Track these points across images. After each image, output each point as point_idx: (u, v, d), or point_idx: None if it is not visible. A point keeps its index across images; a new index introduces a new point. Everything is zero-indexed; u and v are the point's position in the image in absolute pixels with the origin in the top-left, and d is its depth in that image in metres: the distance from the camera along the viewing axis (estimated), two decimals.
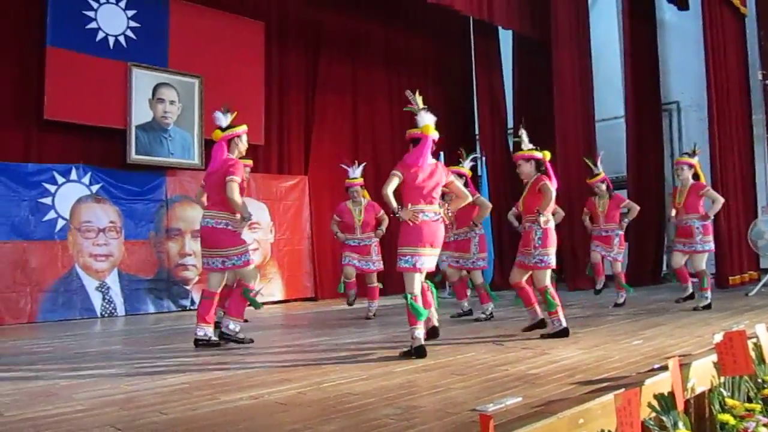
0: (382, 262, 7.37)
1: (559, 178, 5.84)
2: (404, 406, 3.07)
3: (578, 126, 10.97)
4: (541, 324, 5.44)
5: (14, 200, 7.49)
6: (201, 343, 5.19)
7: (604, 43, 12.15)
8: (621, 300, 7.67)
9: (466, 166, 6.93)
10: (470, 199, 5.20)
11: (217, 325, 5.40)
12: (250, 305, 5.44)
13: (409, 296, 4.58)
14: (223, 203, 5.22)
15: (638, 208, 7.75)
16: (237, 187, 5.14)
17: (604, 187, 7.77)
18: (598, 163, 7.92)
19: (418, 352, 4.46)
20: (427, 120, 4.83)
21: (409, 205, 4.66)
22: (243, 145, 5.46)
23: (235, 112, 5.50)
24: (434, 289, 4.96)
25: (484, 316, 6.72)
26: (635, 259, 10.81)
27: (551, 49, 11.10)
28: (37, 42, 7.78)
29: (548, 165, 5.57)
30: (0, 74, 7.58)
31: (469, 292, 7.23)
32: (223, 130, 5.37)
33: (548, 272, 5.42)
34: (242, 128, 5.46)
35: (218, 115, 5.42)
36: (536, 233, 5.39)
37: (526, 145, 5.64)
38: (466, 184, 6.65)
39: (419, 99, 4.89)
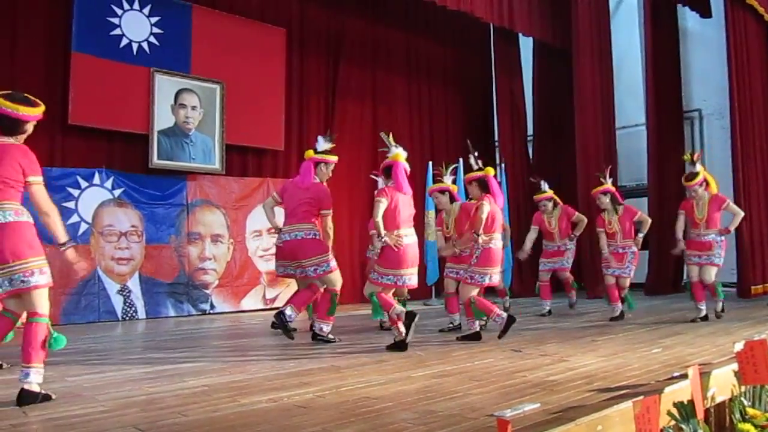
0: None
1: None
2: (421, 410, 3.08)
3: (599, 133, 10.92)
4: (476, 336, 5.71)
5: None
6: (277, 325, 5.62)
7: (625, 50, 12.10)
8: (616, 313, 7.28)
9: (448, 182, 6.72)
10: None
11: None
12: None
13: (374, 296, 5.27)
14: (305, 217, 5.72)
15: (650, 220, 7.48)
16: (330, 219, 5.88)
17: (606, 199, 7.40)
18: (607, 174, 7.56)
19: (399, 346, 5.03)
20: (397, 151, 5.45)
21: (394, 231, 5.23)
22: (326, 173, 5.92)
23: (333, 144, 6.00)
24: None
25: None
26: (656, 268, 10.75)
27: (572, 56, 11.07)
28: (62, 48, 7.89)
29: (491, 182, 5.82)
30: (26, 79, 7.68)
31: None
32: (317, 152, 5.83)
33: (474, 288, 5.66)
34: (332, 158, 5.94)
35: (320, 138, 5.96)
36: (475, 252, 5.72)
37: (474, 166, 5.95)
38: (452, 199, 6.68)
39: (391, 138, 5.52)
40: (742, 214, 7.10)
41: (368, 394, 3.50)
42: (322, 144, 5.88)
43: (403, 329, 5.09)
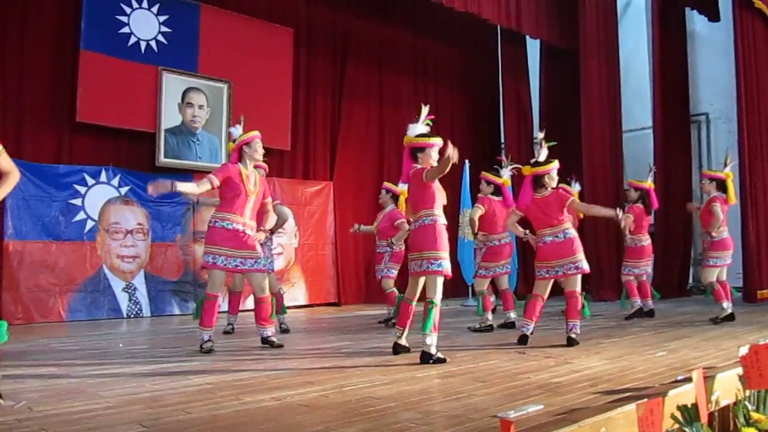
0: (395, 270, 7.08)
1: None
2: (425, 411, 3.08)
3: (605, 136, 10.91)
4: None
5: (45, 200, 7.61)
6: (265, 343, 5.44)
7: (632, 53, 12.08)
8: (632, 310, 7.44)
9: (504, 176, 6.89)
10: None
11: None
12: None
13: (398, 298, 5.36)
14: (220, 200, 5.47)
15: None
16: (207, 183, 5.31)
17: (633, 194, 7.63)
18: (649, 173, 7.90)
19: (394, 348, 4.89)
20: (408, 131, 4.95)
21: None
22: (252, 151, 5.41)
23: (244, 122, 5.54)
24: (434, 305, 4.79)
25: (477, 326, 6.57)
26: (661, 271, 10.72)
27: (579, 58, 11.05)
28: (71, 46, 7.93)
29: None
30: (35, 77, 7.73)
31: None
32: (235, 141, 5.44)
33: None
34: (250, 134, 5.45)
35: (231, 130, 5.59)
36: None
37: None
38: (497, 193, 6.71)
39: (425, 111, 4.99)
40: (719, 216, 6.90)
41: (372, 393, 3.50)
42: (237, 131, 5.49)
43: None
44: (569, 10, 11.18)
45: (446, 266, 4.67)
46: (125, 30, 8.28)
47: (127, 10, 8.30)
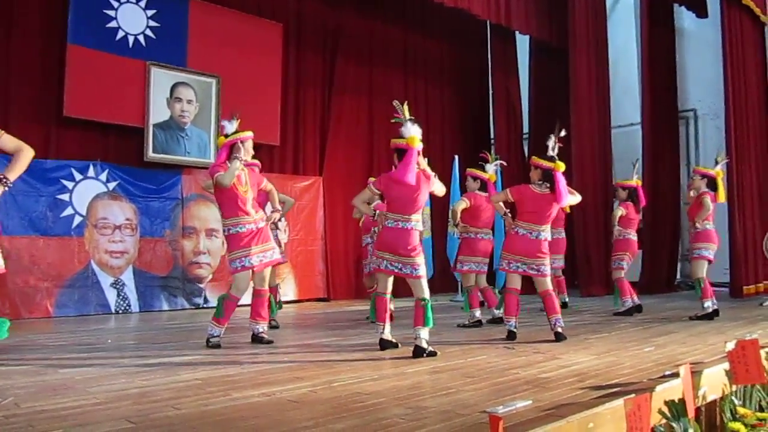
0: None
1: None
2: (414, 406, 3.09)
3: (594, 132, 10.93)
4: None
5: (32, 196, 7.56)
6: (255, 340, 5.46)
7: (621, 49, 12.11)
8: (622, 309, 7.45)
9: (489, 171, 6.93)
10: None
11: None
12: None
13: (374, 295, 5.09)
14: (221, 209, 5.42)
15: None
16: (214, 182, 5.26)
17: (621, 194, 7.69)
18: (633, 170, 7.89)
19: (380, 344, 4.94)
20: (412, 131, 4.83)
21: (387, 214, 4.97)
22: (244, 150, 5.30)
23: (239, 120, 5.41)
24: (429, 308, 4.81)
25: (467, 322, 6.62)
26: (649, 267, 10.78)
27: (569, 54, 11.07)
28: (58, 40, 7.87)
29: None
30: (22, 71, 7.67)
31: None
32: (227, 136, 5.34)
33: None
34: (244, 134, 5.35)
35: (224, 122, 5.47)
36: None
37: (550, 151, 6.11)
38: (484, 188, 6.75)
39: (406, 109, 4.91)
40: (708, 208, 6.96)
41: (361, 389, 3.50)
42: (229, 126, 5.34)
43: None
44: (559, 7, 11.19)
45: (425, 269, 4.93)
46: (113, 24, 8.22)
47: (115, 3, 8.25)
